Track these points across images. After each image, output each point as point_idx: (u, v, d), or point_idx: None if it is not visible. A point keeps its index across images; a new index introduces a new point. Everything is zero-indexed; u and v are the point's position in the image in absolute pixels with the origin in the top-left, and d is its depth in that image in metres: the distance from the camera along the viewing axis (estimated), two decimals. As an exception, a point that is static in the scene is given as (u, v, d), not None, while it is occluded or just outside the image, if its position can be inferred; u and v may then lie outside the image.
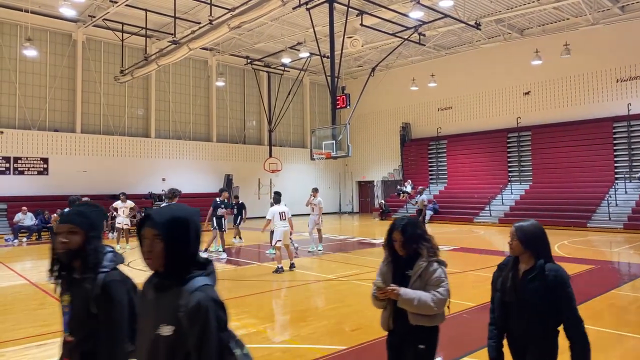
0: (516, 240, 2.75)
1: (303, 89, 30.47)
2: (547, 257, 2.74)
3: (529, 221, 2.82)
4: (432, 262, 2.90)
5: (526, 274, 2.71)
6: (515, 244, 2.75)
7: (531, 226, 2.78)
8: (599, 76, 21.59)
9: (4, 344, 5.45)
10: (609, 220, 18.07)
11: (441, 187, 26.32)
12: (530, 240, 2.72)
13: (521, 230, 2.76)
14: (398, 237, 2.90)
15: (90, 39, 22.57)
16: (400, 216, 3.12)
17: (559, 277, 2.65)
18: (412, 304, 2.77)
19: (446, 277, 2.89)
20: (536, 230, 2.76)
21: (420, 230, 2.96)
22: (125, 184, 22.56)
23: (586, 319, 6.47)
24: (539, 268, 2.68)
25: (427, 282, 2.84)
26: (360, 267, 10.61)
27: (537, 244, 2.73)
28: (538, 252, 2.72)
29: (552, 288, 2.62)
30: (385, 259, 3.07)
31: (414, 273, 2.88)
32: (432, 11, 18.23)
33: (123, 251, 13.52)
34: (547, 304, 2.64)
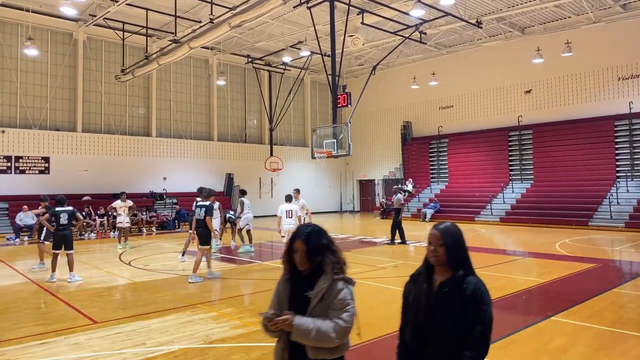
0: (442, 246, 2.29)
1: (304, 88, 30.46)
2: (468, 267, 2.32)
3: (448, 222, 2.41)
4: (336, 281, 2.35)
5: (442, 287, 2.28)
6: (441, 251, 2.29)
7: (456, 229, 2.36)
8: (601, 74, 21.54)
9: (6, 343, 5.46)
10: (611, 219, 18.04)
11: (442, 186, 26.30)
12: (456, 247, 2.31)
13: (449, 235, 2.32)
14: (300, 247, 2.39)
15: (91, 38, 22.58)
16: (305, 223, 2.62)
17: (478, 292, 2.22)
18: (308, 337, 2.24)
19: (352, 299, 2.36)
20: (460, 235, 2.35)
21: (327, 240, 2.44)
22: (127, 183, 22.61)
23: (587, 317, 6.51)
24: (458, 280, 2.26)
25: (329, 306, 2.31)
26: (361, 266, 10.61)
27: (460, 252, 2.32)
28: (458, 261, 2.31)
29: (467, 305, 2.19)
30: (282, 276, 2.55)
31: (315, 294, 2.34)
32: (433, 9, 18.20)
33: (123, 250, 13.55)
34: (462, 323, 2.21)
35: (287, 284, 2.49)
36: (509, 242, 15.82)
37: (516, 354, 4.91)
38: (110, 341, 5.46)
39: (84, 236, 18.06)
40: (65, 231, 9.32)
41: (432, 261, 2.33)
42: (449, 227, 2.36)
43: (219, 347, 5.23)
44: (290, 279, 2.48)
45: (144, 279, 9.49)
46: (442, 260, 2.30)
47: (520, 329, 5.75)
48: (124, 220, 14.36)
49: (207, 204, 9.42)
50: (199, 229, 9.35)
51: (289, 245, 2.46)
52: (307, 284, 2.39)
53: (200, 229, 9.32)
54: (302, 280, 2.42)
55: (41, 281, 9.19)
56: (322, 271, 2.39)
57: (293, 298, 2.42)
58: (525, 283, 8.44)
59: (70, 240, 9.42)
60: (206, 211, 9.23)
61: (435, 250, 2.31)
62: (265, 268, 10.74)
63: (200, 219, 9.29)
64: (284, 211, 10.75)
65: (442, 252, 2.29)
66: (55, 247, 9.28)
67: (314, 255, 2.38)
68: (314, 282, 2.38)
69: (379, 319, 6.28)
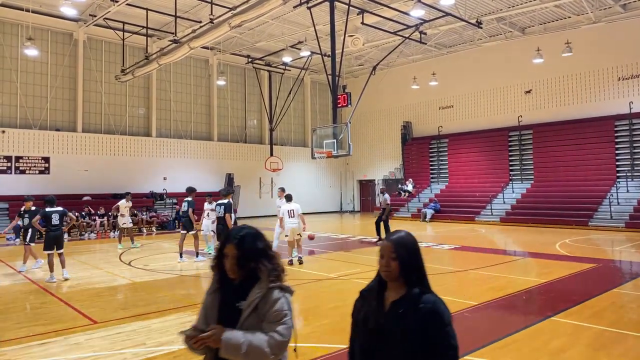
0: (395, 260, 2.00)
1: (304, 88, 30.46)
2: (424, 284, 2.03)
3: (402, 232, 2.10)
4: (272, 290, 2.09)
5: (395, 306, 2.00)
6: (394, 265, 2.00)
7: (412, 240, 2.07)
8: (601, 74, 21.54)
9: (6, 343, 5.46)
10: (611, 219, 18.03)
11: (442, 186, 26.30)
12: (411, 261, 2.02)
13: (403, 246, 2.03)
14: (231, 252, 2.12)
15: (91, 38, 22.58)
16: (239, 225, 2.34)
17: (437, 312, 1.94)
18: (239, 352, 1.96)
19: (290, 309, 2.11)
20: (416, 247, 2.07)
21: (263, 244, 2.18)
22: (127, 183, 22.62)
23: (588, 317, 6.51)
24: (413, 299, 1.96)
25: (264, 318, 2.05)
26: (361, 266, 10.61)
27: (415, 266, 2.04)
28: (414, 277, 2.01)
29: (424, 327, 1.91)
30: (210, 286, 2.25)
31: (248, 305, 2.07)
32: (433, 9, 18.20)
33: (123, 250, 13.54)
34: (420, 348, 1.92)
35: (216, 295, 2.19)
36: (509, 242, 15.82)
37: (516, 354, 4.91)
38: (110, 341, 5.46)
39: (84, 236, 18.06)
40: (57, 232, 9.34)
41: (384, 276, 2.04)
42: (403, 237, 2.06)
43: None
44: (219, 288, 2.20)
45: (144, 279, 9.50)
46: (395, 276, 2.01)
47: (520, 329, 5.75)
48: (127, 221, 14.46)
49: (225, 202, 10.06)
50: (218, 225, 10.14)
51: (219, 250, 2.18)
52: (239, 293, 2.11)
53: (219, 225, 10.09)
54: (233, 289, 2.14)
55: (41, 281, 9.19)
56: (257, 279, 2.12)
57: (222, 310, 2.14)
58: (525, 283, 8.43)
59: (62, 240, 9.50)
60: (225, 209, 9.92)
61: (387, 264, 2.02)
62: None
63: (221, 216, 9.97)
64: (286, 211, 10.91)
65: (395, 266, 2.00)
66: (47, 247, 9.24)
67: (248, 261, 2.11)
68: (246, 292, 2.10)
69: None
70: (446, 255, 12.47)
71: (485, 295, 7.51)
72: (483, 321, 6.32)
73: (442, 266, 10.59)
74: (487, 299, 7.26)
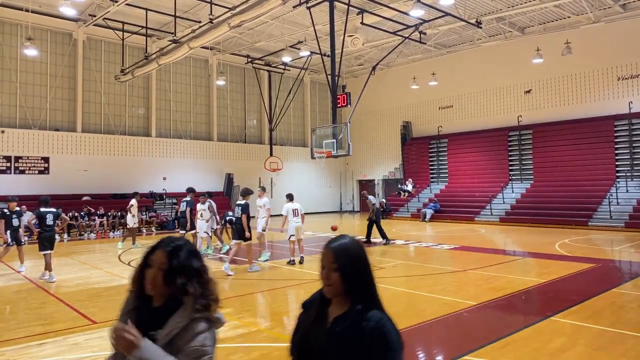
0: (337, 271, 1.70)
1: (304, 88, 30.46)
2: (371, 299, 1.71)
3: (346, 238, 1.79)
4: (197, 321, 1.71)
5: (336, 323, 1.69)
6: (335, 277, 1.70)
7: (356, 247, 1.77)
8: (600, 74, 21.54)
9: (5, 343, 5.45)
10: (610, 219, 18.04)
11: (442, 186, 26.30)
12: (355, 272, 1.72)
13: (346, 255, 1.73)
14: (159, 260, 1.76)
15: (91, 38, 22.57)
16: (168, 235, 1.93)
17: (382, 332, 1.62)
18: None
19: (214, 345, 1.76)
20: (362, 255, 1.76)
21: (199, 264, 1.81)
22: (126, 183, 22.62)
23: (587, 317, 6.51)
24: (355, 316, 1.65)
25: (179, 350, 1.67)
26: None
27: (360, 278, 1.72)
28: (358, 290, 1.70)
29: (367, 350, 1.61)
30: (125, 305, 1.86)
31: (164, 335, 1.70)
32: (433, 9, 18.20)
33: (123, 250, 13.54)
34: None
35: (130, 317, 1.77)
36: (508, 242, 15.82)
37: (516, 354, 4.91)
38: (109, 342, 5.45)
39: (83, 236, 18.05)
40: (51, 232, 9.44)
41: (324, 291, 1.74)
42: (346, 244, 1.75)
43: (218, 347, 5.22)
44: (135, 309, 1.81)
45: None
46: (337, 290, 1.70)
47: (519, 329, 5.74)
48: (136, 220, 14.71)
49: (242, 203, 10.19)
50: (236, 225, 10.29)
51: (144, 258, 1.82)
52: (157, 319, 1.72)
53: (237, 225, 10.23)
54: (151, 312, 1.75)
55: (40, 281, 9.18)
56: (180, 304, 1.73)
57: None
58: (524, 283, 8.43)
59: (54, 241, 9.61)
60: (242, 209, 10.05)
61: (327, 276, 1.70)
62: (265, 268, 10.74)
63: (238, 217, 10.19)
64: (290, 210, 10.97)
65: (336, 278, 1.69)
66: (43, 248, 9.29)
67: (174, 277, 1.74)
68: (165, 319, 1.71)
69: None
70: (446, 255, 12.47)
71: (484, 295, 7.51)
72: (482, 321, 6.32)
73: (442, 266, 10.60)
74: (487, 299, 7.26)
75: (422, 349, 5.49)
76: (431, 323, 6.10)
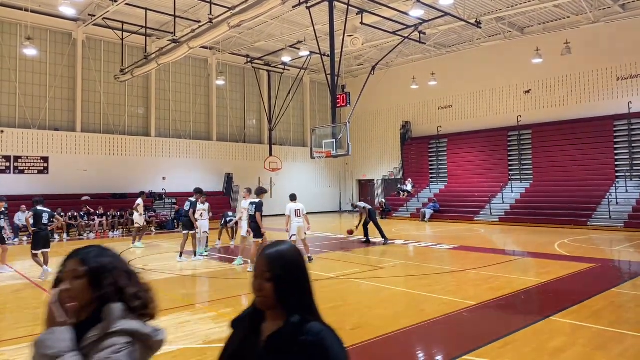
0: (270, 281, 1.51)
1: (303, 88, 30.46)
2: (309, 310, 1.53)
3: (283, 245, 1.60)
4: (112, 335, 1.42)
5: (271, 340, 1.50)
6: (268, 288, 1.51)
7: (293, 254, 1.58)
8: (600, 74, 21.55)
9: (4, 343, 5.45)
10: (610, 219, 18.04)
11: (442, 186, 26.30)
12: (290, 282, 1.53)
13: (281, 264, 1.54)
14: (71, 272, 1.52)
15: (90, 37, 22.56)
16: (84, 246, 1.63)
17: (322, 347, 1.44)
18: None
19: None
20: (298, 263, 1.58)
21: (125, 269, 1.59)
22: (126, 182, 22.62)
23: (586, 317, 6.51)
24: (292, 331, 1.46)
25: None
26: (360, 266, 10.61)
27: (297, 289, 1.54)
28: (294, 302, 1.52)
29: None
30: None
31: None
32: (433, 9, 18.20)
33: (128, 249, 13.52)
34: None
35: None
36: (508, 242, 15.83)
37: (515, 353, 4.91)
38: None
39: (82, 236, 18.04)
40: (47, 231, 9.63)
41: (257, 303, 1.55)
42: (282, 252, 1.56)
43: (217, 347, 5.22)
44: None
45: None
46: (270, 302, 1.52)
47: (519, 328, 5.75)
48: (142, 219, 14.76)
49: (257, 201, 10.37)
50: (251, 223, 10.41)
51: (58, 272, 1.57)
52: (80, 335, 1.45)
53: (252, 224, 10.37)
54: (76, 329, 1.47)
55: (39, 281, 9.17)
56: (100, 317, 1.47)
57: None
58: (524, 283, 8.44)
59: (49, 240, 9.79)
60: (256, 208, 10.25)
61: (260, 287, 1.52)
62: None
63: (252, 215, 10.33)
64: (293, 210, 11.05)
65: (269, 289, 1.51)
66: (38, 247, 9.41)
67: (96, 288, 1.49)
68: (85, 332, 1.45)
69: (378, 319, 6.29)
70: (445, 255, 12.47)
71: (484, 295, 7.52)
72: (482, 321, 6.33)
73: (441, 266, 10.60)
74: (486, 298, 7.26)
75: (422, 349, 5.49)
76: (431, 323, 6.10)
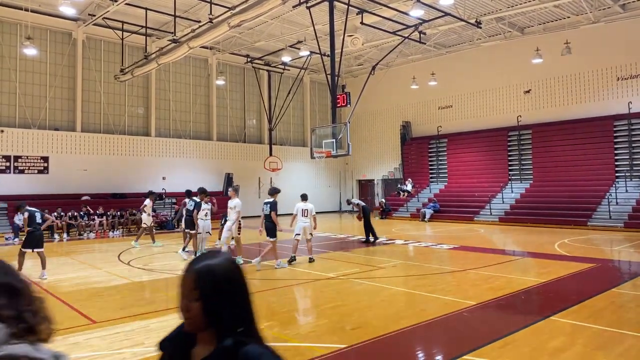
0: (198, 301, 1.30)
1: (303, 88, 30.46)
2: (245, 332, 1.33)
3: (214, 259, 1.37)
4: None
5: None
6: (195, 308, 1.31)
7: (225, 268, 1.36)
8: (600, 74, 21.56)
9: (4, 343, 5.44)
10: (610, 219, 18.04)
11: (442, 186, 26.31)
12: (222, 301, 1.31)
13: (212, 279, 1.32)
14: None
15: (91, 37, 22.56)
16: None
17: None
18: None
19: None
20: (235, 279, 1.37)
21: (6, 286, 1.23)
22: (126, 182, 22.62)
23: (586, 317, 6.51)
24: (223, 356, 1.27)
25: None
26: (360, 266, 10.62)
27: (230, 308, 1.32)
28: (227, 323, 1.31)
29: None
30: None
31: None
32: (433, 9, 18.20)
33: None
34: None
35: None
36: (508, 242, 15.83)
37: (515, 353, 4.91)
38: (109, 341, 5.46)
39: (82, 236, 18.04)
40: (41, 230, 9.62)
41: (185, 325, 1.37)
42: (211, 266, 1.34)
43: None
44: None
45: (143, 278, 9.49)
46: (199, 325, 1.32)
47: (519, 328, 5.75)
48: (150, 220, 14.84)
49: (271, 201, 10.56)
50: (266, 222, 10.56)
51: None
52: None
53: (267, 223, 10.54)
54: None
55: (40, 281, 9.18)
56: None
57: None
58: (524, 283, 8.44)
59: (43, 239, 9.74)
60: (271, 207, 10.48)
61: (187, 308, 1.32)
62: (265, 268, 10.74)
63: (267, 214, 10.51)
64: (300, 209, 11.17)
65: (197, 310, 1.30)
66: (30, 246, 9.42)
67: None
68: None
69: (378, 318, 6.29)
70: (445, 255, 12.47)
71: (484, 295, 7.52)
72: (482, 321, 6.33)
73: (441, 266, 10.61)
74: (486, 298, 7.26)
75: (422, 349, 5.50)
76: (431, 323, 6.10)
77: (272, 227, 10.44)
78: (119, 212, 19.74)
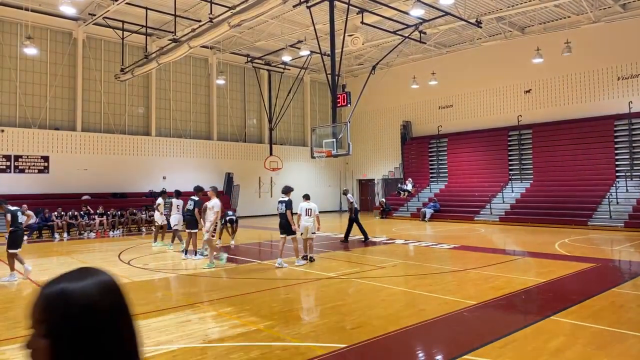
0: (46, 338, 0.94)
1: (303, 87, 30.45)
2: None
3: (88, 278, 1.02)
4: None
5: None
6: (42, 347, 0.95)
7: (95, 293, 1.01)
8: (600, 74, 21.54)
9: (4, 342, 5.45)
10: (610, 219, 18.04)
11: (442, 186, 26.30)
12: (80, 341, 0.95)
13: (66, 310, 0.95)
14: None
15: (91, 37, 22.56)
16: None
17: None
18: None
19: None
20: (103, 308, 1.03)
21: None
22: (126, 182, 22.63)
23: (587, 317, 6.51)
24: None
25: None
26: (360, 266, 10.61)
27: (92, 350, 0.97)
28: None
29: None
30: None
31: None
32: (433, 9, 18.20)
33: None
34: None
35: None
36: (508, 241, 15.82)
37: (515, 353, 4.91)
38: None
39: (83, 235, 18.04)
40: (22, 230, 9.48)
41: None
42: (68, 291, 0.97)
43: (218, 347, 5.23)
44: None
45: (143, 278, 9.49)
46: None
47: (519, 328, 5.74)
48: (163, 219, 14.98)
49: (286, 200, 10.77)
50: (281, 221, 10.77)
51: None
52: None
53: (282, 221, 10.77)
54: None
55: (40, 280, 9.18)
56: None
57: None
58: (524, 283, 8.44)
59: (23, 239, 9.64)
60: (286, 205, 10.70)
61: (31, 344, 0.97)
62: (265, 267, 10.75)
63: (282, 212, 10.73)
64: (304, 209, 11.31)
65: (44, 349, 0.95)
66: (17, 246, 9.24)
67: None
68: None
69: (378, 318, 6.28)
70: (445, 254, 12.47)
71: (484, 294, 7.51)
72: (482, 320, 6.33)
73: (441, 265, 10.60)
74: (487, 298, 7.26)
75: (422, 349, 5.49)
76: (431, 322, 6.10)
77: (287, 225, 10.72)
78: (120, 212, 19.73)
